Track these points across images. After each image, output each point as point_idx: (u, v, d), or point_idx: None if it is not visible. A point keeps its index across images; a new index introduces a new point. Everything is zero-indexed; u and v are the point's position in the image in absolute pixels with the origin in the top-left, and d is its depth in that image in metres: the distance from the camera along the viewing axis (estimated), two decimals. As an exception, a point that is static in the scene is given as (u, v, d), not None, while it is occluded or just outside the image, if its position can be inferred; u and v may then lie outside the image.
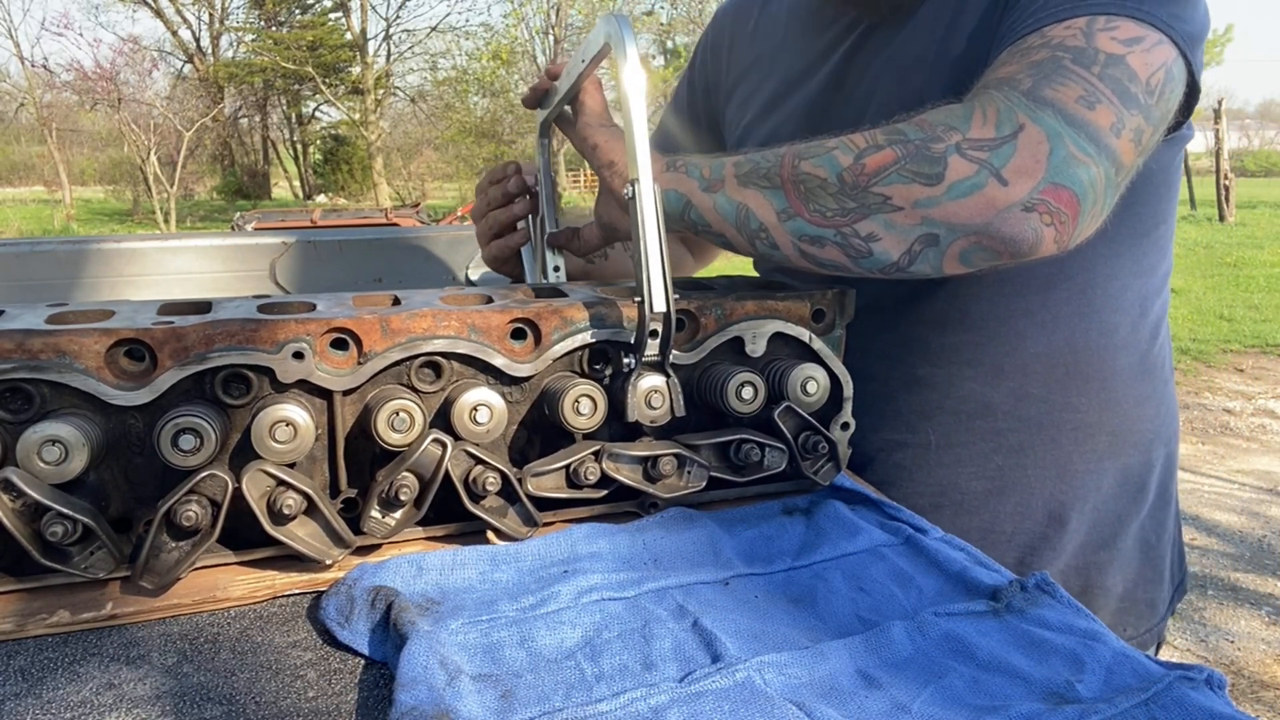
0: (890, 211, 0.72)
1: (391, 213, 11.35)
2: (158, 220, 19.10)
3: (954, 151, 0.70)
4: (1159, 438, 1.01)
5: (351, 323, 0.68)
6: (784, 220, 0.76)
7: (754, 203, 0.78)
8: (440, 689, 0.51)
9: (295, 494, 0.64)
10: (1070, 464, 0.96)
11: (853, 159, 0.73)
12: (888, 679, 0.55)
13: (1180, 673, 0.53)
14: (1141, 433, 0.99)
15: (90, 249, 2.18)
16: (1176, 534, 1.09)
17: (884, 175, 0.71)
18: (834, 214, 0.74)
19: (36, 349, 0.61)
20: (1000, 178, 0.69)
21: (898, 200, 0.71)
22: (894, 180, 0.71)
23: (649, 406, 0.74)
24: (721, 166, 0.81)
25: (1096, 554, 0.99)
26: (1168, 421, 1.02)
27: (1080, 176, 0.70)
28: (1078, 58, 0.72)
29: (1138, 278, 0.96)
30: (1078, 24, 0.75)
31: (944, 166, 0.70)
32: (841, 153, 0.74)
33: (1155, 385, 1.00)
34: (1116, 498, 0.99)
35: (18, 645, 0.59)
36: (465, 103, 23.41)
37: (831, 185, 0.74)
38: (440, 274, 2.45)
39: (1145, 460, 1.00)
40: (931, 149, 0.70)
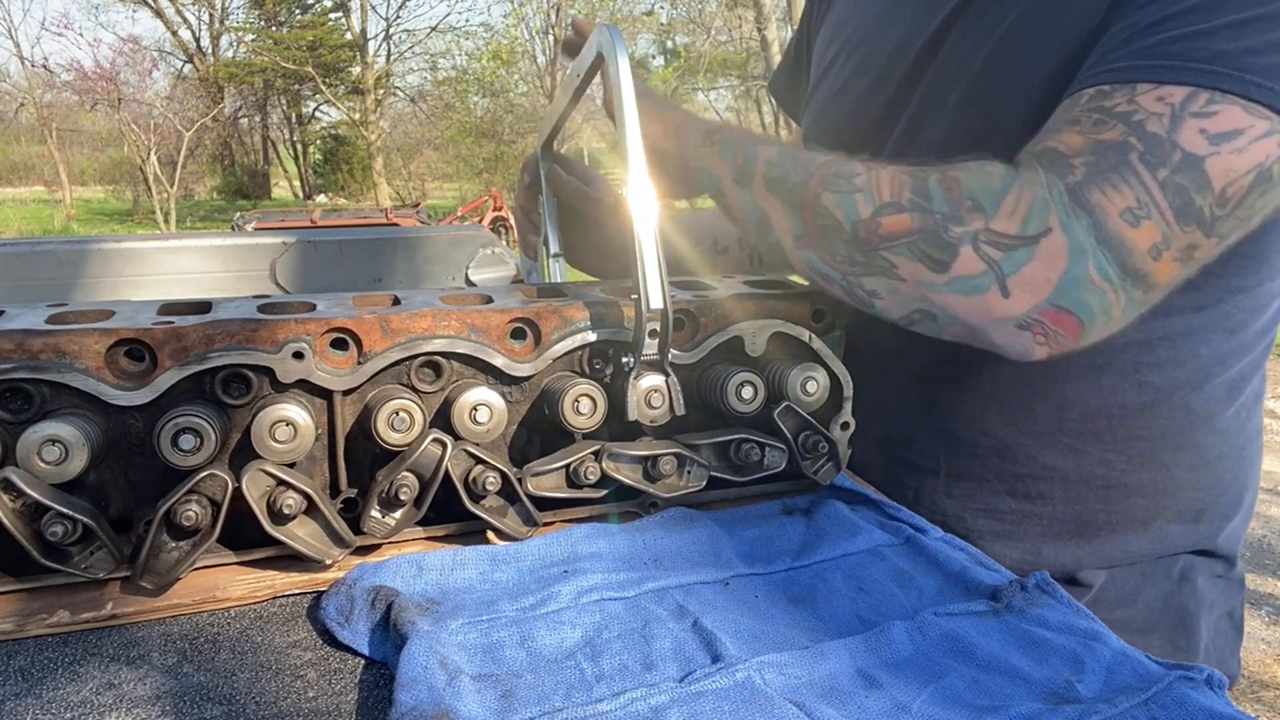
0: (894, 280, 0.70)
1: (392, 213, 11.35)
2: (158, 220, 19.10)
3: (969, 242, 0.66)
4: (1214, 508, 0.89)
5: (351, 323, 0.68)
6: (799, 246, 0.75)
7: (775, 216, 0.76)
8: (440, 689, 0.51)
9: (295, 494, 0.64)
10: (1094, 522, 0.87)
11: (871, 213, 0.70)
12: (888, 679, 0.55)
13: (1180, 673, 0.53)
14: (1190, 501, 0.87)
15: (90, 249, 2.18)
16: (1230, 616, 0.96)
17: (895, 244, 0.68)
18: (843, 260, 0.72)
19: (36, 349, 0.61)
20: (1004, 287, 0.65)
21: (902, 272, 0.69)
22: (903, 252, 0.68)
23: (649, 406, 0.74)
24: (755, 159, 0.78)
25: (1112, 612, 0.87)
26: (1231, 493, 0.90)
27: (1089, 303, 0.65)
28: (1148, 154, 0.63)
29: (1219, 335, 0.83)
30: (1173, 98, 0.64)
31: (953, 256, 0.66)
32: (864, 200, 0.70)
33: (1224, 450, 0.88)
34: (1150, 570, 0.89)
35: (18, 645, 0.59)
36: (465, 103, 23.41)
37: (845, 233, 0.71)
38: (440, 274, 2.45)
39: (1188, 530, 0.88)
40: (949, 232, 0.66)
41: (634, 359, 0.74)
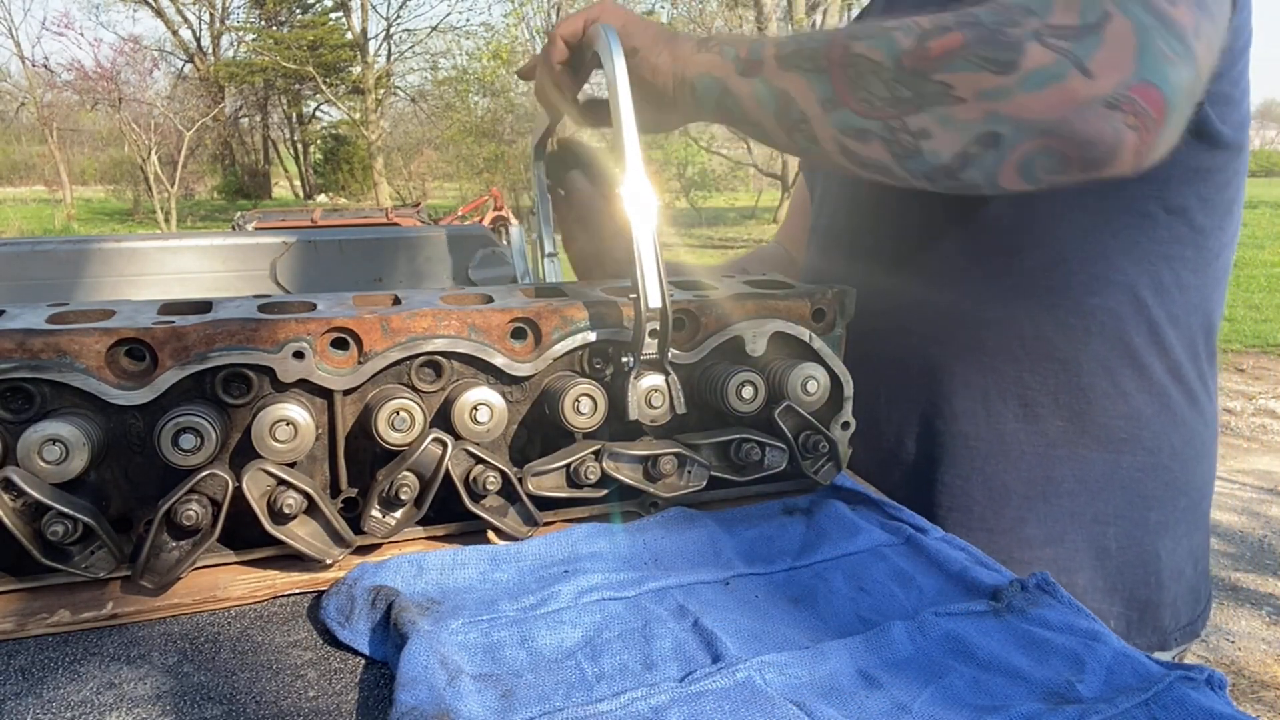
0: (950, 104, 0.64)
1: (392, 212, 11.35)
2: (158, 220, 19.11)
3: (1032, 38, 0.62)
4: (1135, 442, 0.92)
5: (352, 322, 0.68)
6: (828, 110, 0.70)
7: (795, 89, 0.71)
8: (441, 689, 0.51)
9: (296, 493, 0.64)
10: (1016, 442, 0.91)
11: (915, 41, 0.65)
12: (888, 679, 0.55)
13: (1180, 673, 0.53)
14: (1105, 427, 0.91)
15: (91, 249, 2.18)
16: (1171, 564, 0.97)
17: (949, 61, 0.64)
18: (884, 103, 0.67)
19: (37, 348, 0.61)
20: (1084, 69, 0.61)
21: (961, 90, 0.64)
22: (960, 67, 0.63)
23: (649, 406, 0.74)
24: (761, 47, 0.74)
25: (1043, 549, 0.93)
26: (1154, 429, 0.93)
27: (1170, 76, 0.62)
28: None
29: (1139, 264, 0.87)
30: None
31: (1020, 54, 0.62)
32: (903, 34, 0.66)
33: (1144, 386, 0.92)
34: (1072, 494, 0.92)
35: (18, 645, 0.59)
36: (465, 102, 23.41)
37: (886, 70, 0.66)
38: (441, 274, 2.45)
39: (1110, 460, 0.92)
40: (1007, 33, 0.63)
41: (634, 359, 0.74)
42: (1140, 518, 0.95)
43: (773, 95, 0.73)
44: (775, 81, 0.73)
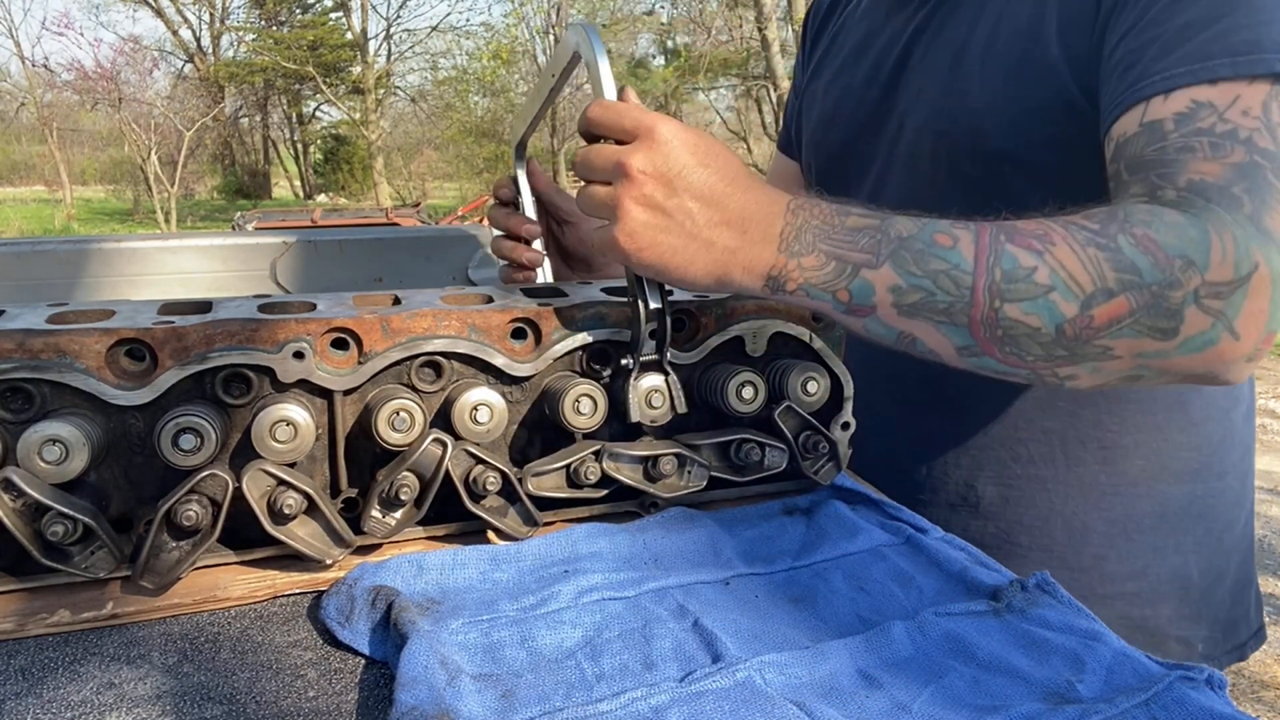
0: (1107, 360, 0.65)
1: (392, 212, 11.35)
2: (158, 220, 19.10)
3: (1192, 302, 0.62)
4: (1209, 470, 0.93)
5: (352, 322, 0.68)
6: (965, 356, 0.67)
7: (924, 334, 0.66)
8: (441, 689, 0.51)
9: (296, 493, 0.64)
10: (1096, 484, 0.91)
11: (1078, 309, 0.62)
12: (888, 679, 0.55)
13: (1181, 673, 0.53)
14: (1184, 461, 0.92)
15: (91, 249, 2.18)
16: (1240, 577, 0.99)
17: (1113, 329, 0.63)
18: (1036, 360, 0.65)
19: (37, 348, 0.61)
20: (1233, 331, 0.63)
21: (1120, 351, 0.64)
22: (1124, 334, 0.63)
23: (649, 406, 0.74)
24: (869, 289, 0.65)
25: (1125, 584, 0.93)
26: (1223, 454, 0.94)
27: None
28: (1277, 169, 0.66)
29: None
30: (1252, 103, 0.66)
31: (1180, 321, 0.62)
32: (1062, 297, 0.62)
33: (1211, 413, 0.92)
34: (1154, 529, 0.93)
35: (18, 645, 0.59)
36: (465, 102, 23.41)
37: (1045, 336, 0.64)
38: (441, 274, 2.45)
39: (1188, 492, 0.92)
40: (1169, 299, 0.62)
41: (633, 359, 0.74)
42: (1217, 543, 0.96)
43: (892, 333, 0.67)
44: (897, 325, 0.67)
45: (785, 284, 0.67)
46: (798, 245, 0.66)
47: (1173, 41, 0.71)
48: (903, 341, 0.68)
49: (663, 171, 0.65)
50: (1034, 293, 0.63)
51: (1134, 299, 0.62)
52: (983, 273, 0.64)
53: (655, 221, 0.66)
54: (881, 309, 0.66)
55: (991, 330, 0.64)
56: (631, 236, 0.66)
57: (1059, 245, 0.64)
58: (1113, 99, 0.74)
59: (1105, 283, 0.62)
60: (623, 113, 0.68)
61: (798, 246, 0.66)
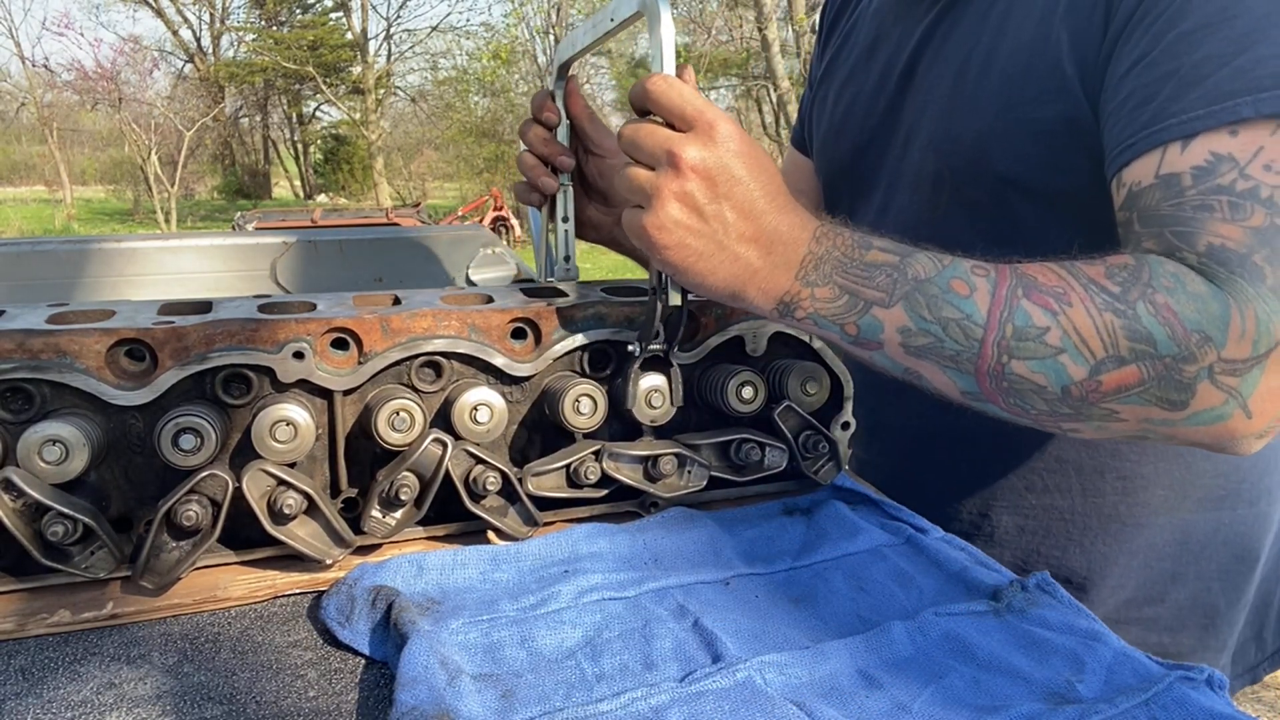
0: (1112, 422, 0.64)
1: (392, 212, 11.35)
2: (158, 220, 19.10)
3: (1205, 377, 0.61)
4: (1237, 496, 0.90)
5: (352, 322, 0.68)
6: (969, 400, 0.67)
7: (929, 374, 0.66)
8: (441, 689, 0.51)
9: (296, 494, 0.64)
10: (1116, 515, 0.89)
11: (1086, 373, 0.62)
12: (888, 679, 0.55)
13: (1181, 673, 0.53)
14: (1207, 489, 0.89)
15: (91, 249, 2.18)
16: (1258, 603, 0.97)
17: (1121, 396, 0.62)
18: (1039, 414, 0.65)
19: (37, 349, 0.61)
20: (1246, 409, 0.62)
21: (1126, 416, 0.63)
22: (1132, 401, 0.62)
23: (649, 406, 0.74)
24: (878, 327, 0.65)
25: (1142, 609, 0.91)
26: (1254, 479, 0.91)
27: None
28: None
29: None
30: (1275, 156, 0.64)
31: (1191, 395, 0.61)
32: (1072, 360, 0.62)
33: None
34: (1175, 556, 0.90)
35: (18, 645, 0.59)
36: (465, 103, 23.39)
37: (1050, 394, 0.63)
38: (441, 274, 2.45)
39: (1213, 519, 0.90)
40: (1183, 373, 0.61)
41: (640, 347, 0.73)
42: (1246, 570, 0.94)
43: (898, 368, 0.67)
44: (902, 361, 0.66)
45: (795, 310, 0.67)
46: (815, 275, 0.65)
47: (1190, 78, 0.67)
48: (909, 376, 0.68)
49: (712, 173, 0.64)
50: (1043, 353, 0.62)
51: (1146, 369, 0.61)
52: (994, 327, 0.63)
53: (689, 222, 0.65)
54: (889, 347, 0.65)
55: (997, 382, 0.64)
56: (661, 230, 0.65)
57: (1075, 307, 0.62)
58: (1123, 137, 0.70)
59: (1118, 350, 0.61)
60: (686, 97, 0.66)
61: (814, 276, 0.65)
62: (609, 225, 1.03)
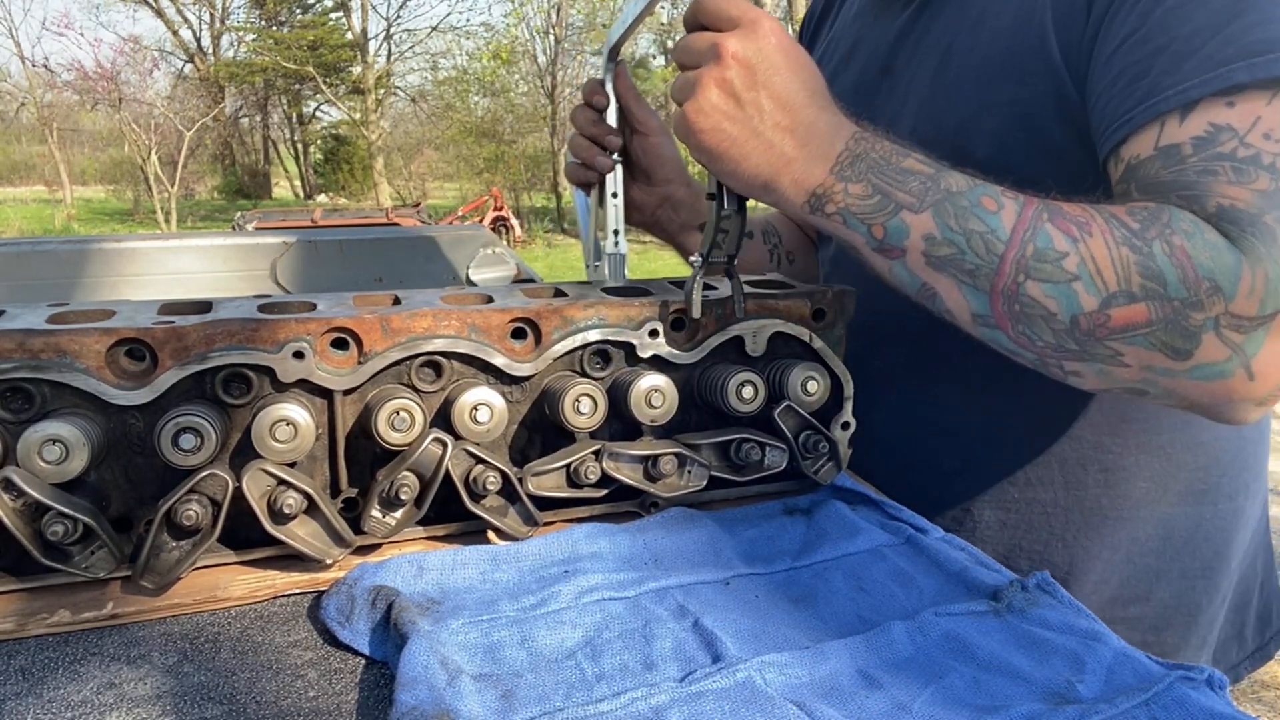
0: (1114, 366, 0.64)
1: (392, 212, 11.35)
2: (158, 220, 19.10)
3: (1211, 328, 0.61)
4: (1217, 491, 0.91)
5: (352, 322, 0.68)
6: (978, 324, 0.67)
7: (945, 290, 0.67)
8: (441, 689, 0.51)
9: (296, 493, 0.64)
10: (1098, 507, 0.89)
11: (1097, 304, 0.62)
12: (888, 679, 0.55)
13: (1181, 673, 0.53)
14: (1188, 483, 0.89)
15: (91, 249, 2.18)
16: (1242, 602, 0.98)
17: (1128, 334, 0.62)
18: (1045, 346, 0.65)
19: (37, 348, 0.61)
20: (1249, 370, 0.62)
21: (1129, 360, 0.63)
22: (1137, 342, 0.62)
23: (649, 405, 0.74)
24: (904, 231, 0.66)
25: (1126, 608, 0.91)
26: (1234, 473, 0.92)
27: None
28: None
29: None
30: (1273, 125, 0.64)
31: (1196, 344, 0.62)
32: (1085, 289, 0.62)
33: (1219, 432, 0.89)
34: (1158, 553, 0.91)
35: (18, 645, 0.59)
36: (466, 103, 23.39)
37: (1059, 323, 0.64)
38: (441, 273, 2.45)
39: (1194, 514, 0.90)
40: (1190, 319, 0.61)
41: (701, 259, 0.74)
42: (1224, 567, 0.94)
43: (915, 284, 0.68)
44: (921, 275, 0.67)
45: (826, 204, 0.67)
46: (850, 171, 0.67)
47: (1183, 50, 0.67)
48: (924, 294, 0.68)
49: (752, 62, 0.66)
50: (1059, 277, 0.63)
51: (1154, 309, 0.62)
52: (1015, 245, 0.64)
53: (726, 107, 0.67)
54: (911, 254, 0.66)
55: (1010, 304, 0.65)
56: (700, 114, 0.67)
57: (1095, 237, 0.63)
58: (1119, 113, 0.71)
59: (1129, 285, 0.62)
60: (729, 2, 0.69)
61: (849, 172, 0.67)
62: (652, 206, 1.06)
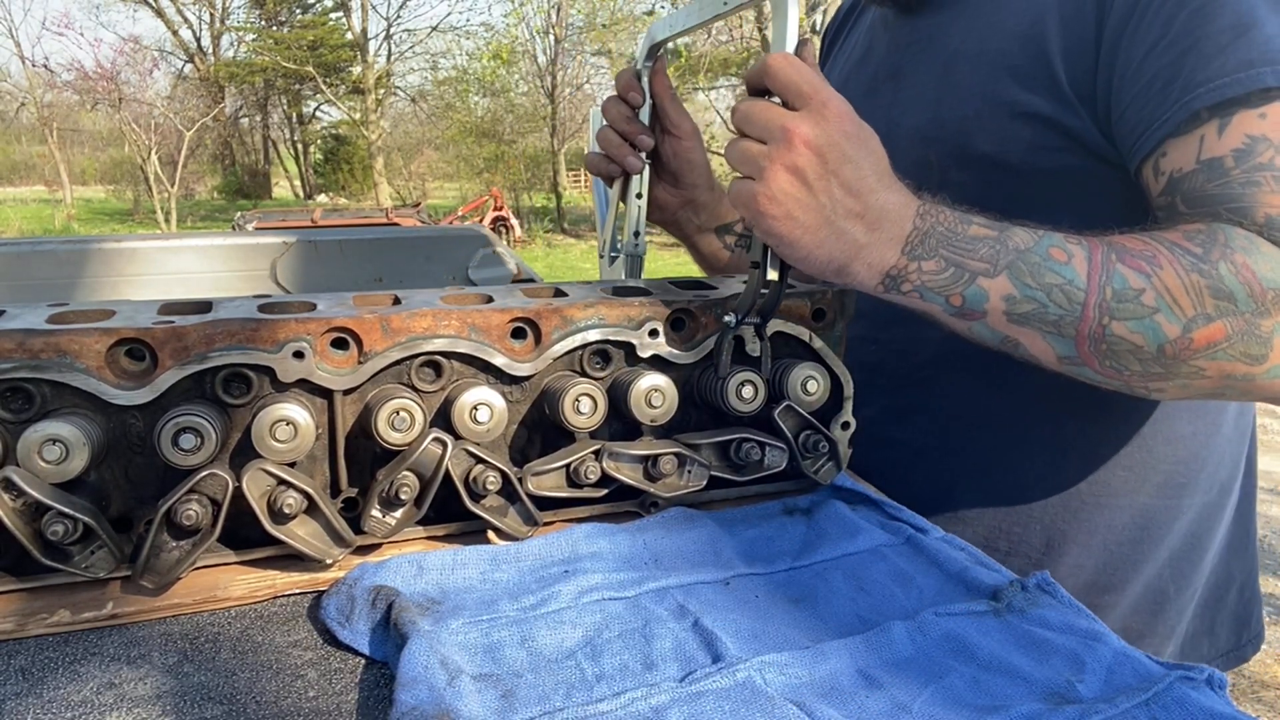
0: (1197, 379, 0.68)
1: (392, 212, 11.35)
2: (158, 220, 19.10)
3: (1279, 332, 0.66)
4: (1194, 486, 0.93)
5: (352, 322, 0.68)
6: (1065, 364, 0.71)
7: (1029, 341, 0.70)
8: (441, 689, 0.51)
9: (296, 493, 0.64)
10: (1076, 493, 0.91)
11: (1180, 331, 0.66)
12: (888, 679, 0.55)
13: (1181, 672, 0.53)
14: (1167, 475, 0.91)
15: (91, 249, 2.18)
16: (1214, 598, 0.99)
17: (1209, 352, 0.66)
18: (1132, 375, 0.69)
19: (37, 348, 0.61)
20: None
21: (1210, 373, 0.67)
22: (1218, 358, 0.66)
23: (649, 405, 0.74)
24: (983, 296, 0.68)
25: (1101, 596, 0.93)
26: (1212, 469, 0.94)
27: None
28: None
29: None
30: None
31: (1269, 349, 0.66)
32: (1166, 319, 0.66)
33: (1199, 428, 0.92)
34: (1133, 541, 0.92)
35: (18, 645, 0.59)
36: (465, 102, 23.37)
37: (1147, 354, 0.67)
38: (441, 273, 2.45)
39: (1171, 507, 0.93)
40: (1260, 328, 0.66)
41: (736, 318, 0.75)
42: (1197, 560, 0.95)
43: (997, 337, 0.71)
44: (1004, 330, 0.70)
45: (902, 284, 0.70)
46: (921, 249, 0.68)
47: (1210, 49, 0.70)
48: (1005, 345, 0.71)
49: (823, 149, 0.66)
50: (1141, 314, 0.66)
51: (1230, 326, 0.65)
52: (1095, 290, 0.67)
53: (798, 195, 0.67)
54: (992, 316, 0.69)
55: (1096, 345, 0.68)
56: (772, 201, 0.67)
57: (1165, 269, 0.66)
58: (1154, 117, 0.73)
59: (1204, 308, 0.66)
60: (804, 75, 0.68)
61: (920, 250, 0.68)
62: (675, 206, 1.06)
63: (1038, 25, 0.82)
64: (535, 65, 21.35)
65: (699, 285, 0.84)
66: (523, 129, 21.46)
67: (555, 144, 19.89)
